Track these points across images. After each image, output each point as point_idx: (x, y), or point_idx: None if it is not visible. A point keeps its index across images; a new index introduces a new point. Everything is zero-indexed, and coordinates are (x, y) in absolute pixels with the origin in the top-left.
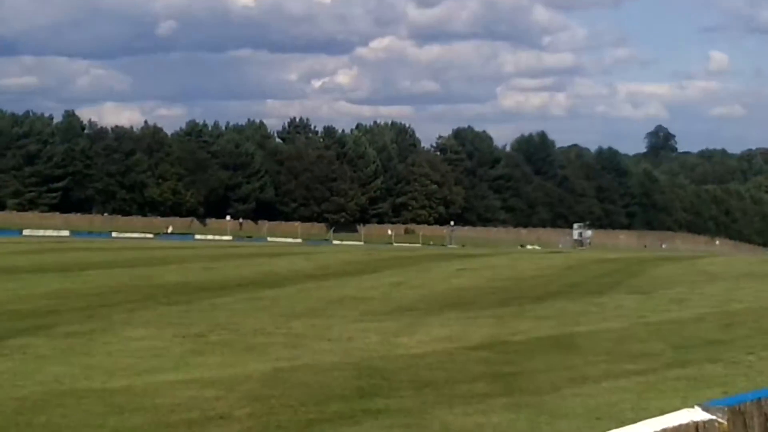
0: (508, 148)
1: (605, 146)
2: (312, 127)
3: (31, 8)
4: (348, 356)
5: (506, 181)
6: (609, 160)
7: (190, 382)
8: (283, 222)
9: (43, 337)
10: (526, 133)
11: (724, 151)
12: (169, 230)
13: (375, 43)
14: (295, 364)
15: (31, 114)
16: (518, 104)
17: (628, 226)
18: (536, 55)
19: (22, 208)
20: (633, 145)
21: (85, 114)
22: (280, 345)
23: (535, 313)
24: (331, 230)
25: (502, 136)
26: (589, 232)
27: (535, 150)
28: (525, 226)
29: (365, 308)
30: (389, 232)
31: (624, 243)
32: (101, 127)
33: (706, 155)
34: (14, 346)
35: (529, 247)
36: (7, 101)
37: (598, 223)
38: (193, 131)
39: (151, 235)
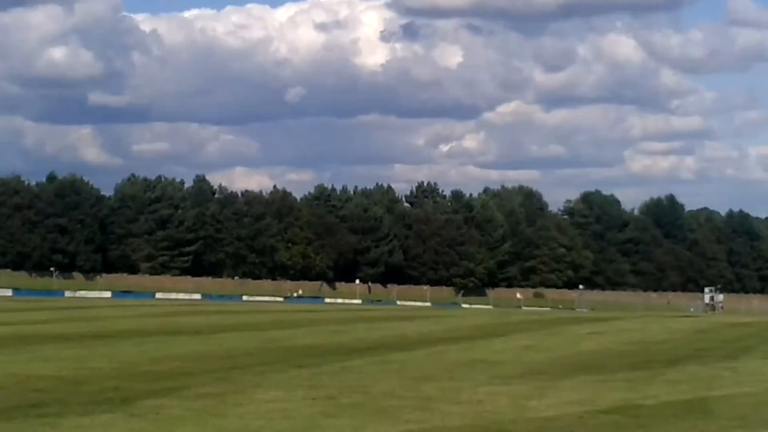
0: (636, 212)
1: (736, 209)
2: (440, 191)
3: (163, 76)
4: (478, 419)
5: (635, 244)
6: (740, 223)
7: None
8: (412, 286)
9: (175, 399)
10: (655, 197)
11: None
12: (296, 294)
13: (502, 108)
14: (425, 427)
15: (162, 179)
16: (646, 168)
17: (761, 291)
18: (664, 119)
19: (154, 271)
20: (765, 208)
21: (216, 179)
22: (410, 408)
23: (667, 377)
24: (460, 294)
25: (630, 200)
26: (720, 297)
27: (664, 213)
28: (655, 290)
29: (495, 372)
30: (518, 295)
31: (757, 308)
32: (231, 192)
33: None
34: (148, 407)
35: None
36: (140, 167)
37: (730, 287)
38: (322, 196)
39: (281, 299)
